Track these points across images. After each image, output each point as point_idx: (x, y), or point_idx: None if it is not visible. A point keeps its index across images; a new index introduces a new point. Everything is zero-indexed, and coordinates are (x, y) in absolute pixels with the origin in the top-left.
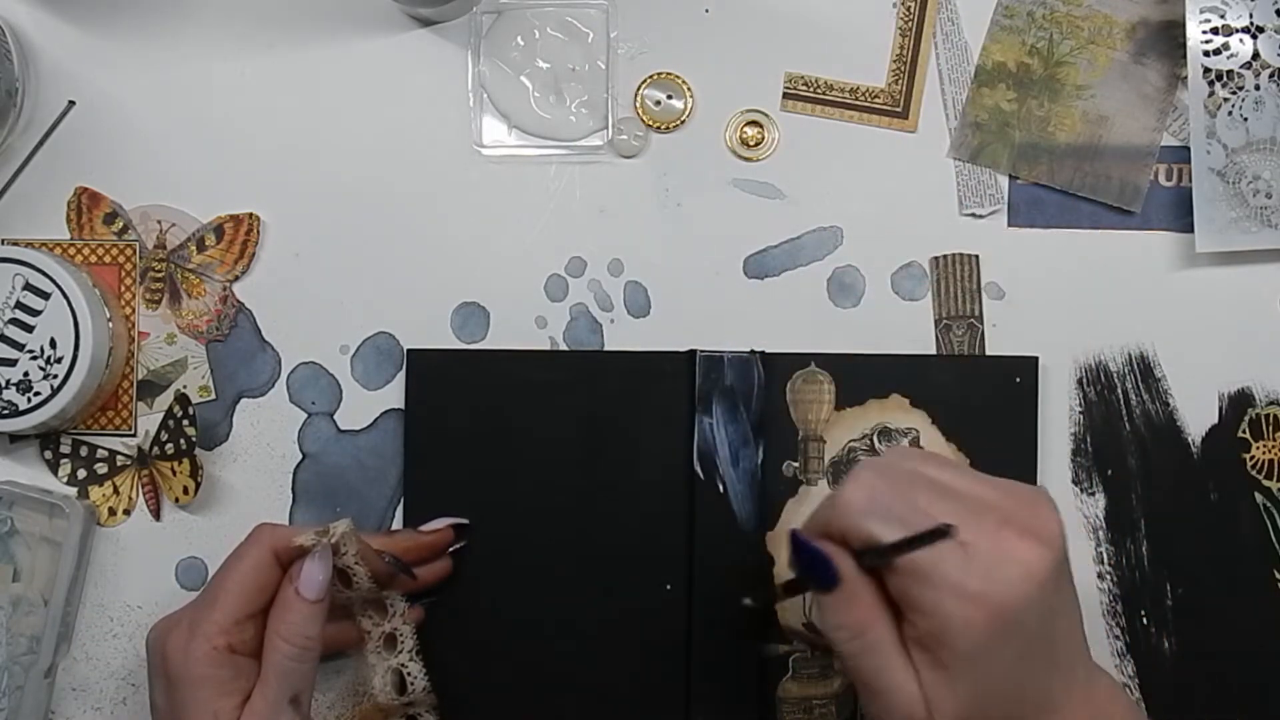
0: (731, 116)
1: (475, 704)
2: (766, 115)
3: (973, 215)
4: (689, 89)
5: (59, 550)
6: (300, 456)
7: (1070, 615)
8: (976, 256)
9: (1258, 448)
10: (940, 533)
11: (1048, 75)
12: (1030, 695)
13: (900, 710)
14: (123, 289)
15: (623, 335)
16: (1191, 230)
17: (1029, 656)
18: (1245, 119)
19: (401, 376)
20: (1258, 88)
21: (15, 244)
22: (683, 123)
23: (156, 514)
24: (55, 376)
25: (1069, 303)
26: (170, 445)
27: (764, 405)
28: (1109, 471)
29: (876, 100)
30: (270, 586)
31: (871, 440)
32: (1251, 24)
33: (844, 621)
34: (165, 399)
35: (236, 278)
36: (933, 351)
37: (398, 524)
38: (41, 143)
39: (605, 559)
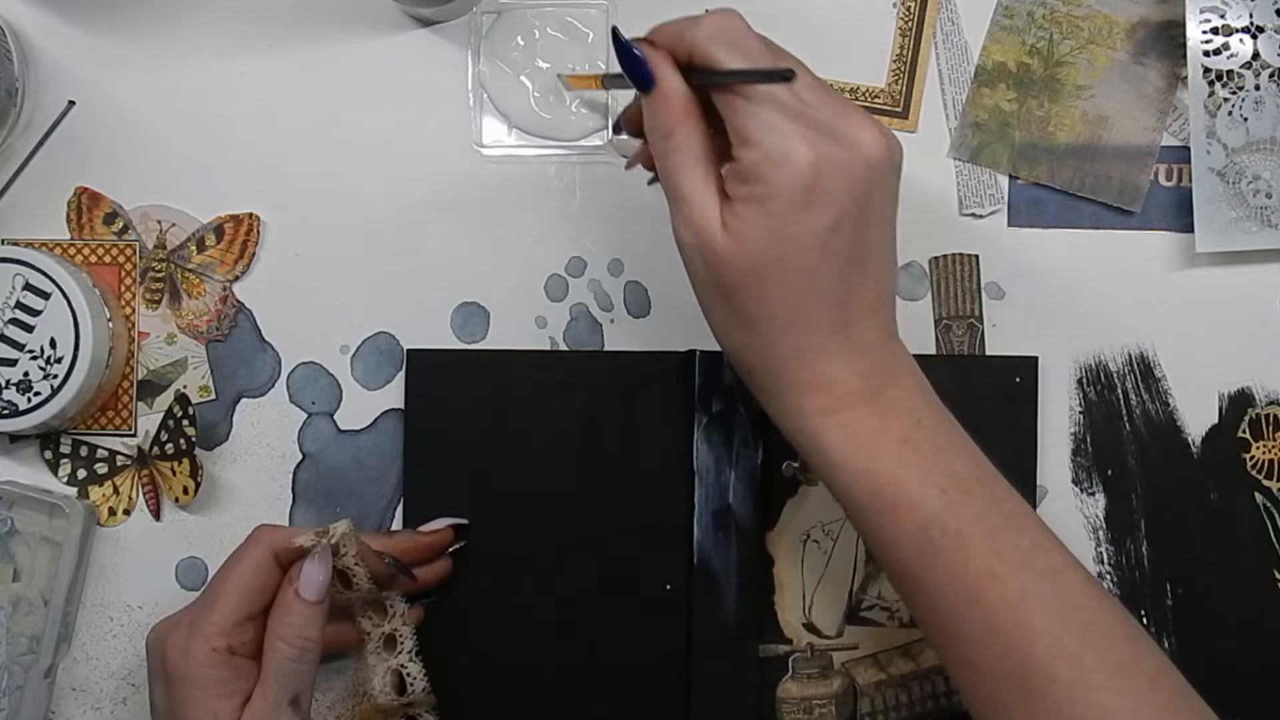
0: None
1: (475, 704)
2: None
3: (973, 215)
4: None
5: (59, 550)
6: (300, 456)
7: (885, 246)
8: (976, 256)
9: (1258, 448)
10: (783, 75)
11: (1048, 75)
12: (823, 288)
13: (694, 220)
14: (123, 289)
15: (623, 335)
16: (1191, 230)
17: (835, 245)
18: (1245, 119)
19: (401, 376)
20: (1258, 88)
21: (15, 244)
22: None
23: (156, 514)
24: (55, 376)
25: (1069, 303)
26: (170, 445)
27: None
28: (1109, 471)
29: (876, 100)
30: (270, 588)
31: None
32: (1251, 24)
33: (655, 125)
34: (165, 399)
35: (236, 278)
36: (933, 351)
37: (397, 524)
38: (41, 143)
39: (605, 559)
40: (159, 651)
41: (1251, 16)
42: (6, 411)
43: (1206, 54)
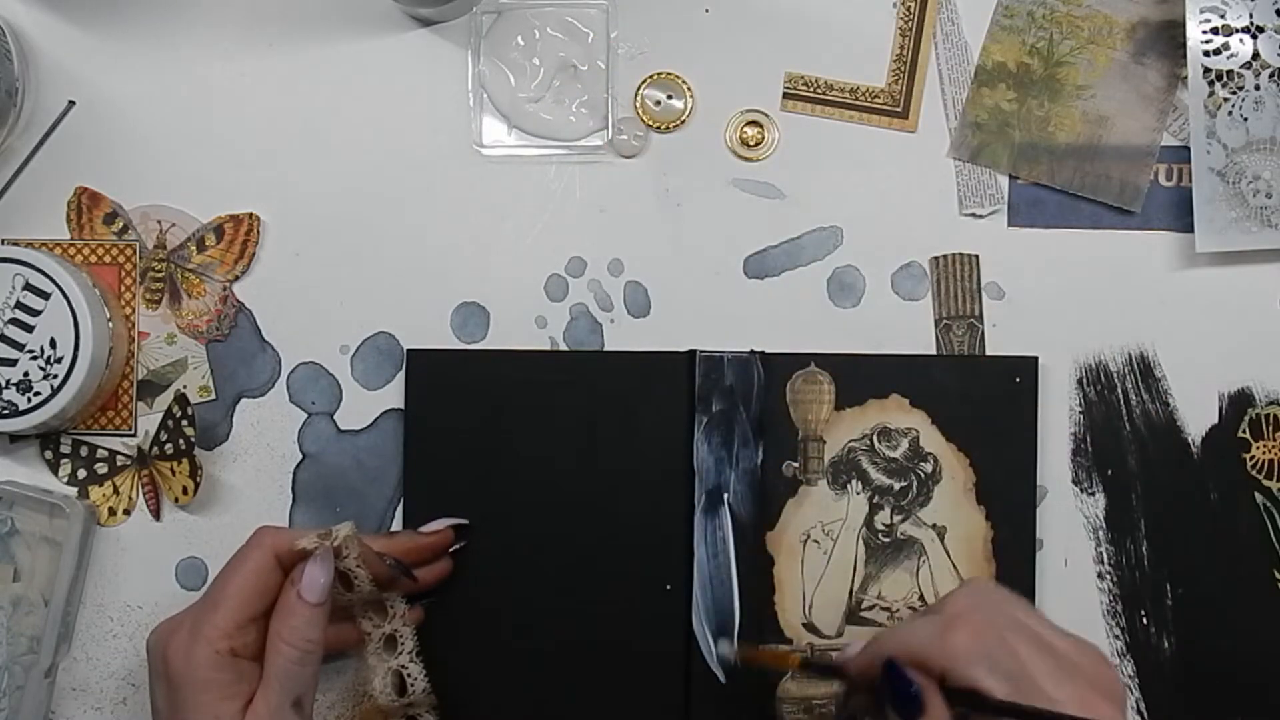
0: (731, 116)
1: (475, 704)
2: (766, 115)
3: (973, 215)
4: (689, 89)
5: (59, 550)
6: (300, 456)
7: None
8: (976, 256)
9: (1258, 448)
10: (1048, 717)
11: (1048, 75)
12: None
13: None
14: (123, 289)
15: (623, 335)
16: (1191, 230)
17: None
18: (1245, 119)
19: (401, 376)
20: (1258, 88)
21: (15, 244)
22: (683, 123)
23: (156, 514)
24: (55, 376)
25: (1069, 303)
26: (169, 445)
27: (764, 405)
28: (1109, 471)
29: (876, 100)
30: (272, 590)
31: (871, 440)
32: (1251, 24)
33: None
34: (165, 399)
35: (236, 278)
36: (933, 351)
37: (397, 524)
38: (41, 143)
39: (605, 559)
40: (160, 653)
41: (1251, 16)
42: (6, 411)
43: (1206, 54)
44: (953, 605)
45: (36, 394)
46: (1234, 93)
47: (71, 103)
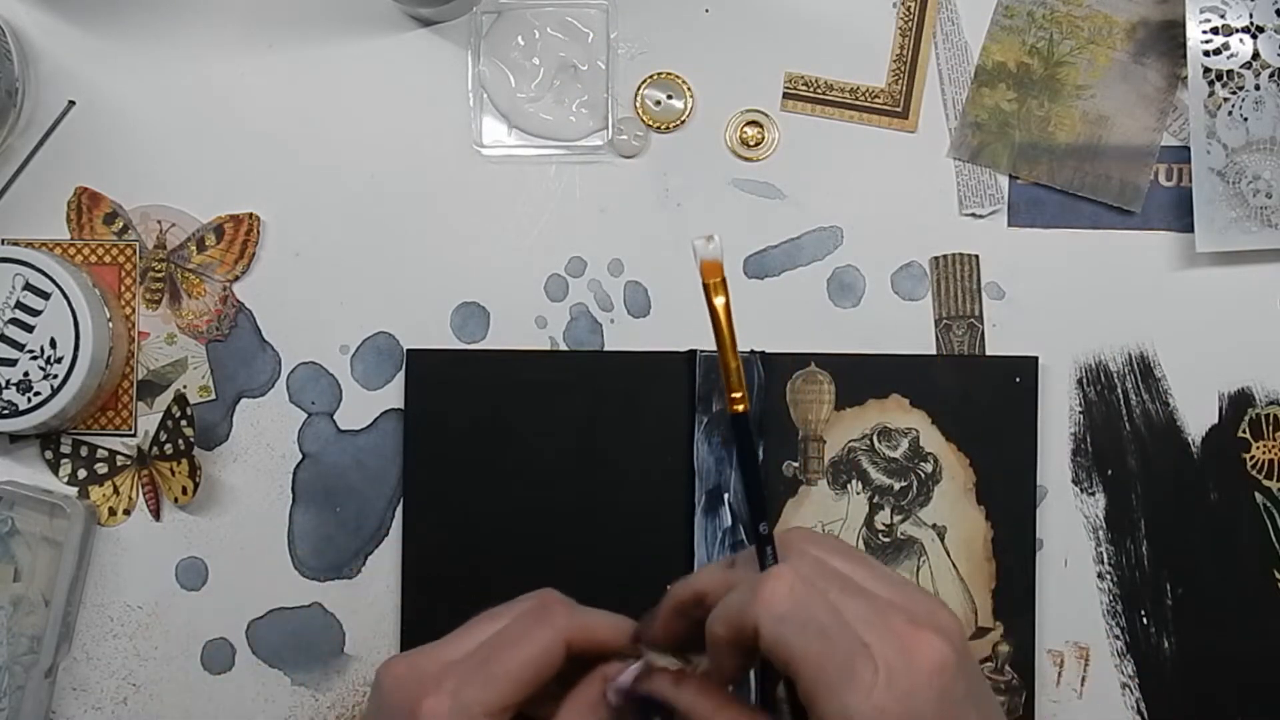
0: (731, 116)
1: None
2: (766, 115)
3: (973, 215)
4: (689, 89)
5: (59, 550)
6: (300, 456)
7: (980, 709)
8: (976, 256)
9: (1258, 448)
10: None
11: (1048, 75)
12: None
13: None
14: (123, 289)
15: (623, 335)
16: (1191, 230)
17: None
18: (1245, 119)
19: (401, 376)
20: (1258, 88)
21: (15, 244)
22: (683, 123)
23: (156, 514)
24: (55, 376)
25: (1069, 303)
26: (169, 445)
27: (764, 405)
28: (1109, 471)
29: (876, 100)
30: (552, 671)
31: (871, 440)
32: (1251, 24)
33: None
34: (165, 399)
35: (236, 278)
36: (933, 351)
37: (397, 524)
38: (41, 143)
39: (605, 559)
40: (408, 709)
41: (1251, 16)
42: (6, 411)
43: (1206, 54)
44: (741, 569)
45: (36, 394)
46: (1234, 93)
47: (71, 103)
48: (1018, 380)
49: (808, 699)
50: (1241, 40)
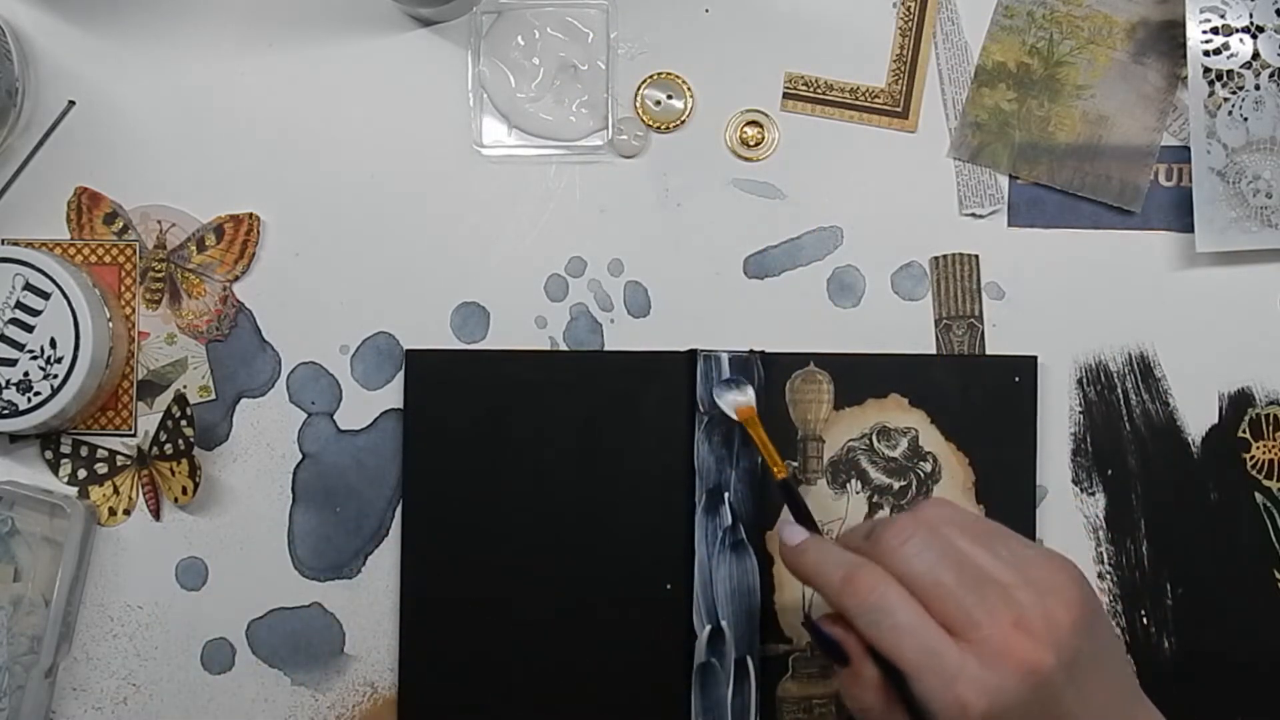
0: (731, 116)
1: (475, 704)
2: (766, 115)
3: (973, 215)
4: (689, 89)
5: (60, 550)
6: (300, 456)
7: (1098, 684)
8: (976, 256)
9: (1258, 448)
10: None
11: (1048, 75)
12: None
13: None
14: (123, 289)
15: (623, 335)
16: (1191, 230)
17: None
18: (1245, 119)
19: (401, 376)
20: (1258, 88)
21: (15, 244)
22: (683, 123)
23: (156, 514)
24: (55, 376)
25: (1069, 303)
26: (169, 445)
27: (764, 405)
28: (1109, 471)
29: (876, 100)
30: None
31: (870, 440)
32: (1251, 24)
33: (852, 695)
34: (165, 399)
35: (236, 278)
36: (933, 351)
37: (397, 524)
38: (41, 143)
39: (605, 559)
40: None
41: (1251, 16)
42: (6, 411)
43: (1206, 54)
44: (882, 537)
45: (36, 394)
46: (1234, 93)
47: (71, 103)
48: (1017, 380)
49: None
50: (1241, 40)
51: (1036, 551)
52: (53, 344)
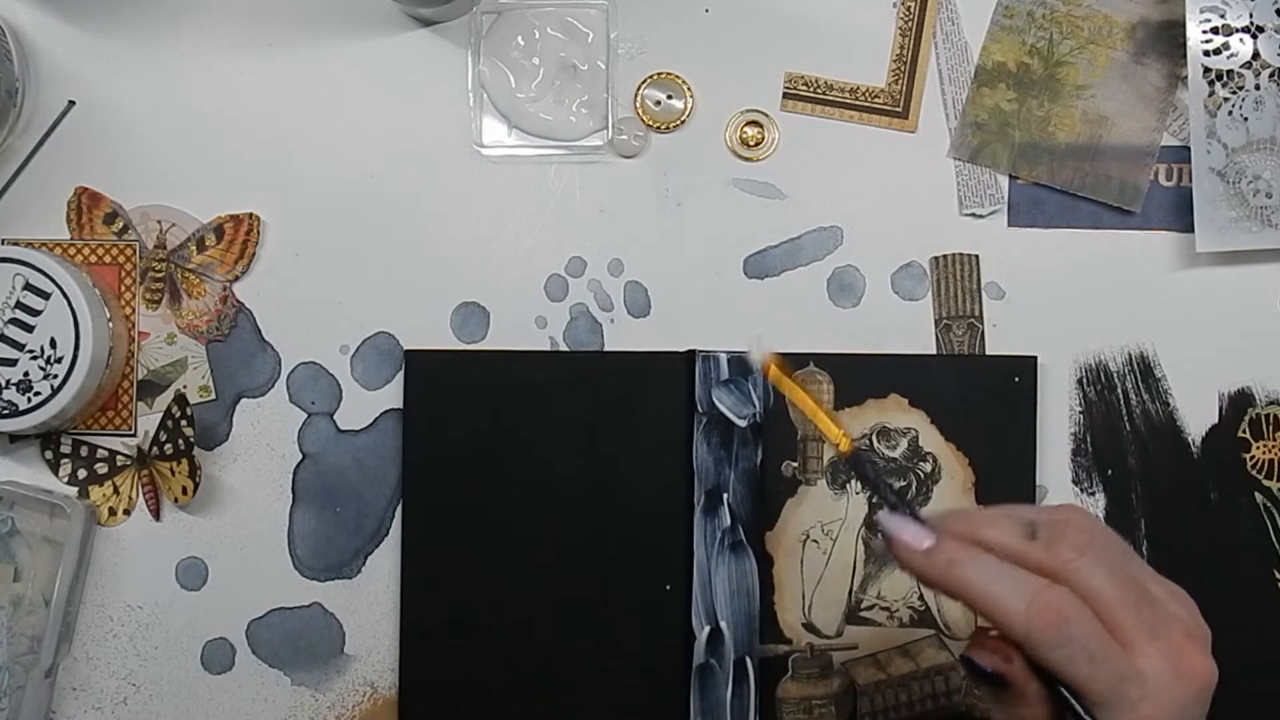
0: (731, 116)
1: (475, 704)
2: (766, 115)
3: (973, 215)
4: (689, 89)
5: (60, 550)
6: (300, 456)
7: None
8: (976, 256)
9: (1258, 448)
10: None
11: (1048, 75)
12: None
13: None
14: (123, 289)
15: (623, 335)
16: (1191, 230)
17: None
18: (1245, 119)
19: (401, 376)
20: (1258, 87)
21: (15, 244)
22: (683, 123)
23: (156, 514)
24: (55, 376)
25: (1069, 303)
26: (169, 445)
27: (763, 406)
28: (1109, 471)
29: (876, 100)
30: None
31: (870, 440)
32: (1251, 24)
33: (1016, 716)
34: (165, 399)
35: (236, 278)
36: (933, 351)
37: (397, 524)
38: (41, 143)
39: (605, 559)
40: None
41: (1251, 16)
42: (6, 411)
43: (1206, 54)
44: (1057, 546)
45: (36, 394)
46: (1234, 93)
47: (71, 103)
48: (1017, 380)
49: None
50: (1241, 40)
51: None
52: (53, 344)
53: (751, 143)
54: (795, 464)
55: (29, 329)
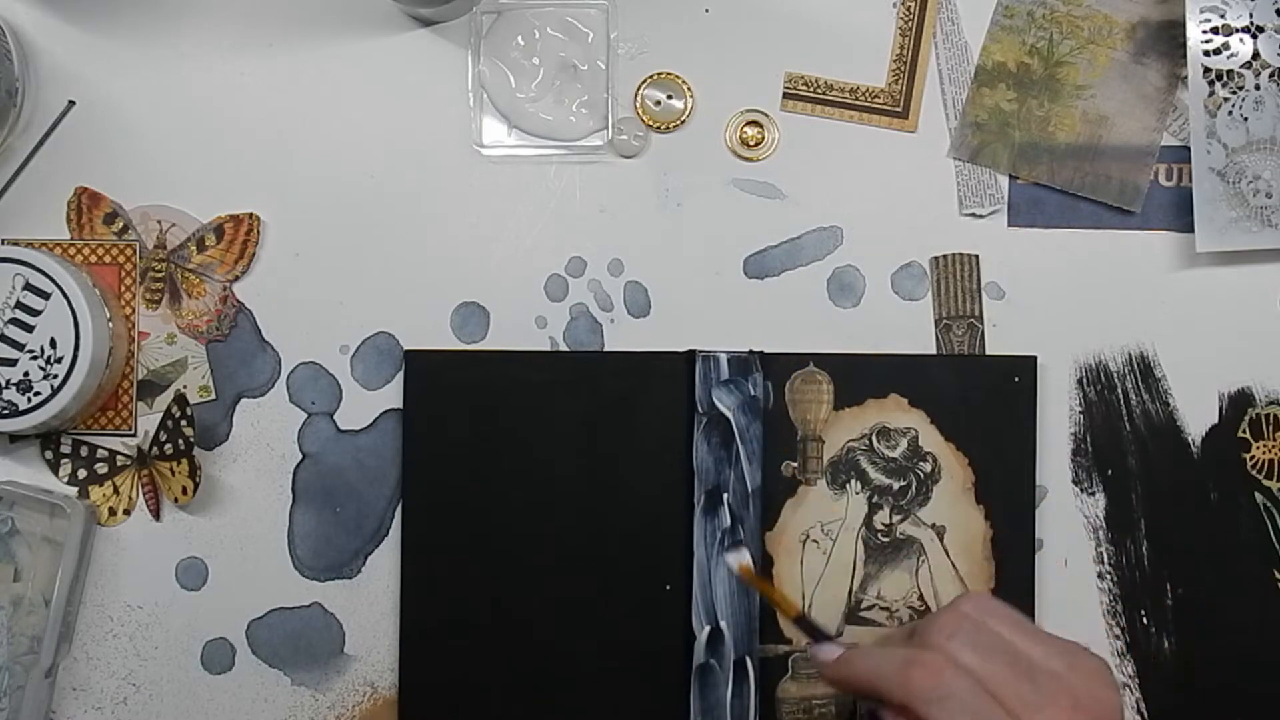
0: (731, 116)
1: (475, 704)
2: (766, 115)
3: (973, 215)
4: (689, 89)
5: (60, 550)
6: (300, 456)
7: None
8: (976, 256)
9: (1258, 448)
10: None
11: (1048, 75)
12: None
13: None
14: (123, 289)
15: (623, 335)
16: (1191, 230)
17: None
18: (1245, 119)
19: (401, 376)
20: (1258, 87)
21: (15, 244)
22: (683, 123)
23: (156, 514)
24: (55, 376)
25: (1069, 303)
26: (169, 445)
27: (763, 406)
28: (1109, 471)
29: (876, 100)
30: None
31: (870, 440)
32: (1251, 24)
33: None
34: (165, 399)
35: (236, 278)
36: (932, 351)
37: (397, 524)
38: (41, 143)
39: (605, 559)
40: None
41: (1251, 16)
42: (6, 411)
43: (1206, 54)
44: (928, 634)
45: (36, 394)
46: (1234, 93)
47: (71, 103)
48: (1016, 380)
49: None
50: (1241, 40)
51: (1067, 642)
52: (53, 344)
53: (751, 143)
54: (795, 464)
55: (29, 329)
